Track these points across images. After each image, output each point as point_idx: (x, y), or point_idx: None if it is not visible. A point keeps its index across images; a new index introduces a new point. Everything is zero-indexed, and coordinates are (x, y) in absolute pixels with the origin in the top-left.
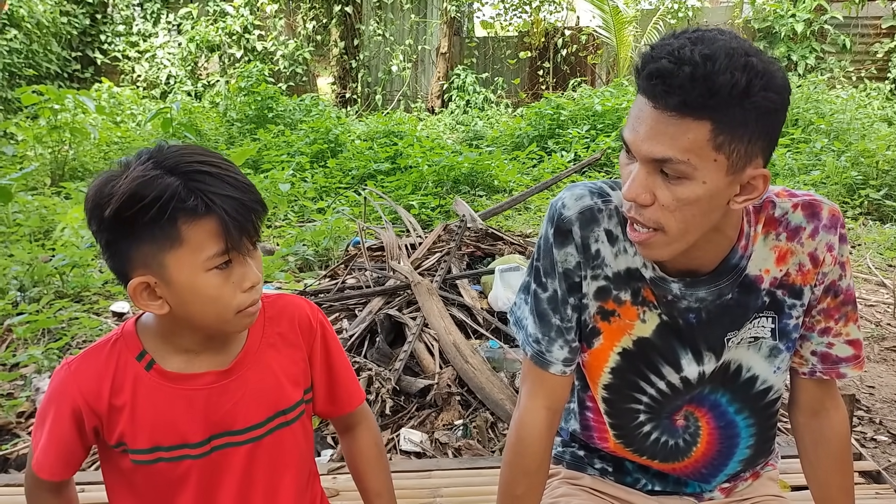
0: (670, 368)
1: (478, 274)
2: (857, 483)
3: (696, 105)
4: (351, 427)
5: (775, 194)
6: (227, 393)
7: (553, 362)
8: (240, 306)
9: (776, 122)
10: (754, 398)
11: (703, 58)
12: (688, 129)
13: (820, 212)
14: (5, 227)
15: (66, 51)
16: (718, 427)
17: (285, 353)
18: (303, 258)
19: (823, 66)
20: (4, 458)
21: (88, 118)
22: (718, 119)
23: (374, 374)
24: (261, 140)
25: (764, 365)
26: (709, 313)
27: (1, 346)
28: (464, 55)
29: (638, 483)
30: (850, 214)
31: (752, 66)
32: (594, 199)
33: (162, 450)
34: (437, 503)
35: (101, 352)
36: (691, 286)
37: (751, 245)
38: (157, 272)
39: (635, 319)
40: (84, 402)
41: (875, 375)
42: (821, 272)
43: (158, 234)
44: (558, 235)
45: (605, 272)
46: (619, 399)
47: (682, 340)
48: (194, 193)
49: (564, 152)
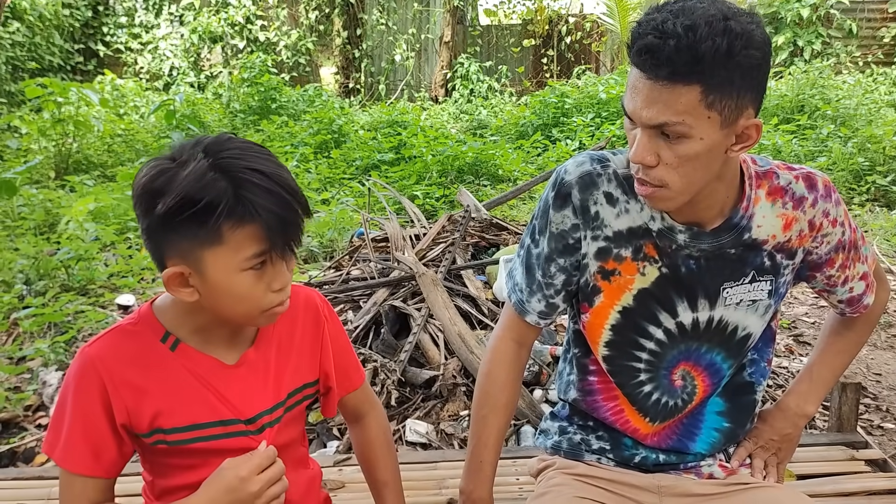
0: (667, 314)
1: (482, 264)
2: (862, 472)
3: (685, 72)
4: (361, 416)
5: (776, 166)
6: (253, 371)
7: (530, 311)
8: (268, 305)
9: (761, 74)
10: (741, 348)
11: (685, 29)
12: (679, 94)
13: (816, 183)
14: (10, 221)
15: (68, 43)
16: (713, 384)
17: (295, 341)
18: (307, 249)
19: (829, 51)
20: (12, 452)
21: (92, 111)
22: (706, 81)
23: (380, 366)
24: (264, 131)
25: (758, 323)
26: (708, 261)
27: (7, 340)
28: (467, 44)
29: (636, 457)
30: (856, 201)
31: (731, 30)
32: (594, 165)
33: (198, 427)
34: (443, 494)
35: (121, 335)
36: (696, 237)
37: (752, 206)
38: (194, 265)
39: (635, 273)
40: (111, 382)
41: (882, 363)
42: (819, 235)
43: (200, 232)
44: (557, 198)
45: (605, 232)
46: (620, 355)
47: (680, 288)
48: (242, 201)
49: (569, 141)
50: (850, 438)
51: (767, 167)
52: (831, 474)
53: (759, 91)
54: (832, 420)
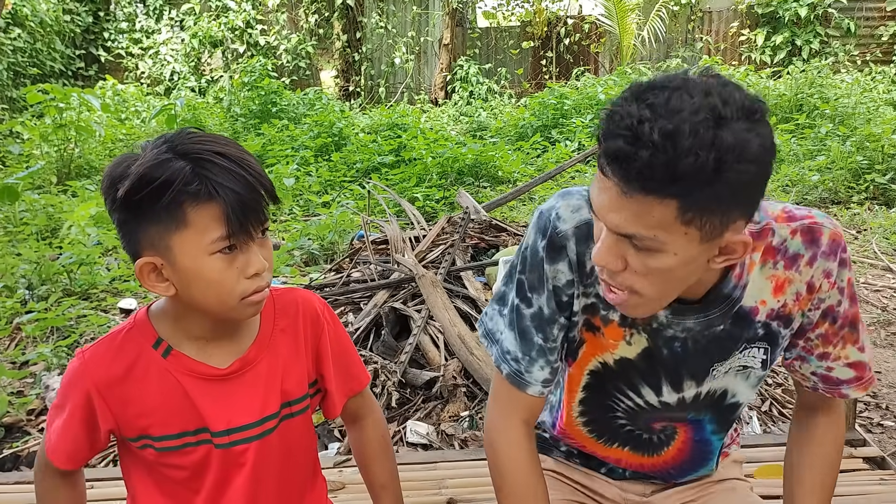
0: (650, 390)
1: (482, 265)
2: (861, 469)
3: (658, 189)
4: (359, 418)
5: (774, 218)
6: (244, 382)
7: (532, 383)
8: (244, 293)
9: (755, 189)
10: (732, 418)
11: (664, 137)
12: (652, 208)
13: (820, 237)
14: (13, 226)
15: (69, 49)
16: (694, 440)
17: (294, 346)
18: (308, 252)
19: (828, 50)
20: (16, 456)
21: (93, 116)
22: (685, 198)
23: (380, 367)
24: (265, 135)
25: (748, 391)
26: (696, 343)
27: (10, 345)
28: (466, 46)
29: (602, 468)
30: (855, 199)
31: (722, 142)
32: (590, 213)
33: (188, 434)
34: (444, 494)
35: (115, 340)
36: (678, 313)
37: (746, 274)
38: (164, 254)
39: (620, 340)
40: (97, 392)
41: (881, 360)
42: (816, 297)
43: (164, 215)
44: (551, 250)
45: (597, 289)
46: (596, 406)
47: (665, 368)
48: (199, 178)
49: (568, 142)
50: (849, 436)
51: (764, 223)
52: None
53: (751, 205)
54: None
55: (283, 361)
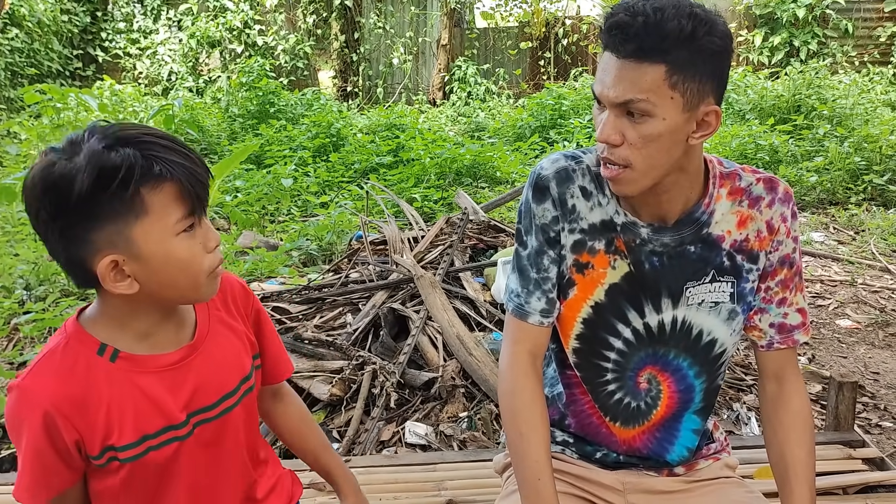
0: (635, 314)
1: (480, 266)
2: (859, 470)
3: (651, 49)
4: (282, 395)
5: (742, 169)
6: (196, 367)
7: (531, 312)
8: (210, 267)
9: (722, 63)
10: (711, 360)
11: (654, 9)
12: (645, 72)
13: (777, 186)
14: (10, 227)
15: (67, 49)
16: (678, 391)
17: (233, 324)
18: (306, 253)
19: (826, 51)
20: (13, 457)
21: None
22: (671, 61)
23: (379, 368)
24: (263, 135)
25: (723, 328)
26: (671, 259)
27: (8, 345)
28: (465, 46)
29: (597, 453)
30: (853, 200)
31: (696, 15)
32: (568, 161)
33: (149, 437)
34: (442, 495)
35: (54, 359)
36: (658, 231)
37: (713, 203)
38: (125, 248)
39: (606, 267)
40: (56, 411)
41: (880, 361)
42: (775, 240)
43: (121, 207)
44: (536, 192)
45: (581, 225)
46: (589, 352)
47: (646, 287)
48: (154, 161)
49: (566, 142)
50: (847, 437)
51: (732, 169)
52: (828, 473)
53: (720, 80)
54: (829, 419)
55: (231, 340)
